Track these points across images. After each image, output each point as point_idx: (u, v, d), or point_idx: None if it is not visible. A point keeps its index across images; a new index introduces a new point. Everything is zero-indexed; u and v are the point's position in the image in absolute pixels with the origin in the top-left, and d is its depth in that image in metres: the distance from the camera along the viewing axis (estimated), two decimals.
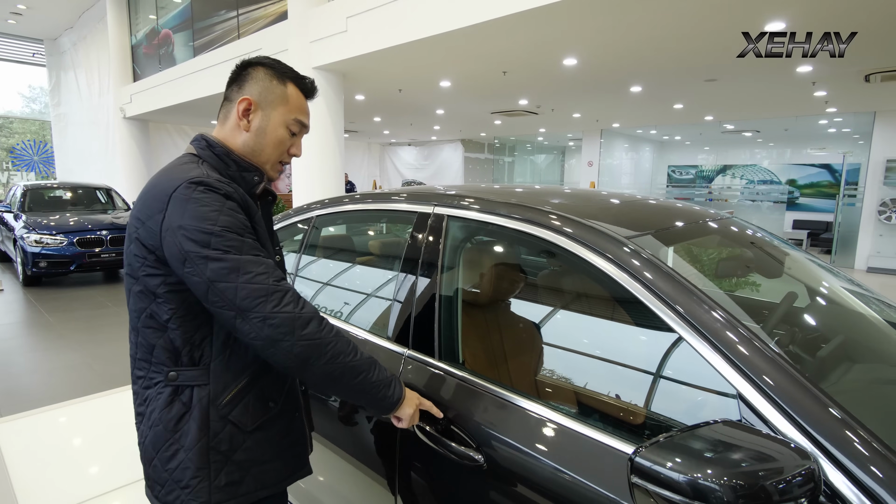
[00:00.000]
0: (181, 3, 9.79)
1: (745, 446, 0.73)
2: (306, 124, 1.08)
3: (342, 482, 1.53)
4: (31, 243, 6.42)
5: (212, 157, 1.01)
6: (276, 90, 1.03)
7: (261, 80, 1.04)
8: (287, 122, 1.04)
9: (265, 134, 1.03)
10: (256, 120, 1.03)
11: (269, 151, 1.04)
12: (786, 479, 0.69)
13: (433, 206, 1.48)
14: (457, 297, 1.39)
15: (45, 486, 2.39)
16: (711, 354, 0.89)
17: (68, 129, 15.14)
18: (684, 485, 0.68)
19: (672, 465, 0.70)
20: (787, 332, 1.40)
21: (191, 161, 0.99)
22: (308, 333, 0.88)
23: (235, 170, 1.02)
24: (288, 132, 1.05)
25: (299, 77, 1.08)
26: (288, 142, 1.06)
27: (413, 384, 1.28)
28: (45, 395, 3.43)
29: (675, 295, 0.97)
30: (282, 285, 0.90)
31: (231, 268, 0.86)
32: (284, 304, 0.88)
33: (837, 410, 0.79)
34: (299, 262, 1.97)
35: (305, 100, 1.08)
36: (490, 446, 1.08)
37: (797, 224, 12.76)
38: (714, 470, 0.69)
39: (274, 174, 1.08)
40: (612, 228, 1.18)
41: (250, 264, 0.88)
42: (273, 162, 1.06)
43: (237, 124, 1.04)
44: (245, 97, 1.02)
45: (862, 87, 6.91)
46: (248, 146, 1.04)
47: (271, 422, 1.04)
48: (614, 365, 1.38)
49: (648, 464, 0.71)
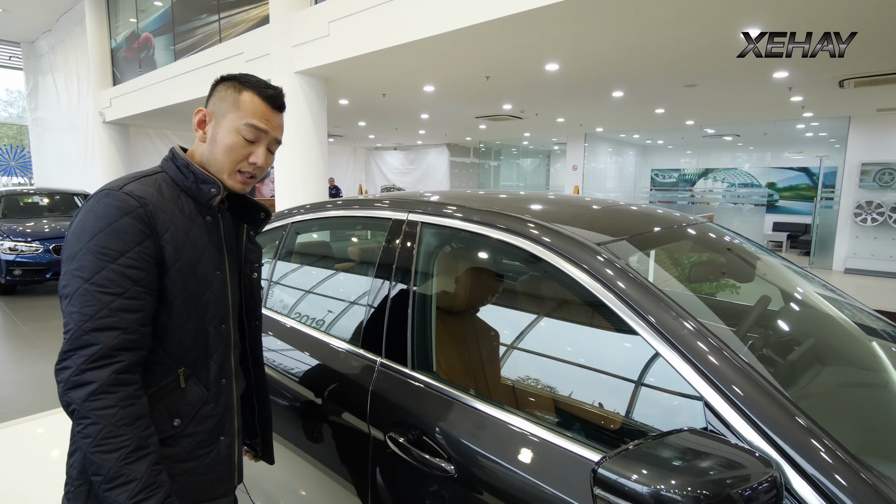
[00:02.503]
0: (162, 7, 9.66)
1: (708, 455, 0.72)
2: (263, 129, 1.02)
3: (313, 493, 1.50)
4: (6, 251, 6.26)
5: (173, 168, 1.02)
6: (229, 98, 1.01)
7: (220, 91, 1.03)
8: (237, 127, 1.00)
9: (216, 142, 1.01)
10: (210, 129, 1.02)
11: (220, 159, 1.01)
12: (750, 486, 0.69)
13: (407, 213, 1.47)
14: (430, 305, 1.38)
15: (19, 497, 2.32)
16: (678, 361, 0.89)
17: (46, 133, 14.84)
18: (647, 497, 0.68)
19: (636, 476, 0.69)
20: (759, 336, 1.41)
21: (149, 172, 1.00)
22: (72, 396, 0.84)
23: (193, 181, 1.00)
24: (240, 138, 1.01)
25: (261, 86, 1.03)
26: (242, 149, 1.01)
27: (385, 393, 1.26)
28: (20, 406, 3.33)
29: (642, 302, 0.97)
30: (88, 337, 0.84)
31: (70, 293, 0.86)
32: (74, 354, 0.84)
33: (802, 418, 0.79)
34: (274, 268, 1.94)
35: (267, 107, 1.03)
36: (461, 456, 1.07)
37: (777, 226, 12.99)
38: (677, 481, 0.68)
39: (233, 184, 1.03)
40: (584, 234, 1.17)
41: (85, 297, 0.85)
42: (229, 171, 1.02)
43: (197, 137, 1.04)
44: (200, 109, 1.03)
45: (836, 93, 7.06)
46: (205, 156, 1.03)
47: (173, 440, 0.97)
48: (585, 372, 1.38)
49: (612, 475, 0.70)
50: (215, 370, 1.03)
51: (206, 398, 1.01)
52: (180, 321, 0.97)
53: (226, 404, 1.06)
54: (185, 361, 0.98)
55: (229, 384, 1.07)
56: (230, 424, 1.07)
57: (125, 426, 0.85)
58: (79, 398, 0.83)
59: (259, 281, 1.23)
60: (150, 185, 0.96)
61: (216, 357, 1.03)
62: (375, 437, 1.24)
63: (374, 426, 1.25)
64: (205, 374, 1.02)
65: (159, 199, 0.95)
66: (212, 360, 1.03)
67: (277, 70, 6.25)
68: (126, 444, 0.84)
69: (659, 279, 1.27)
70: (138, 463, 0.85)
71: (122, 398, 0.85)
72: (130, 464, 0.84)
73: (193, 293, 0.98)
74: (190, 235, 0.98)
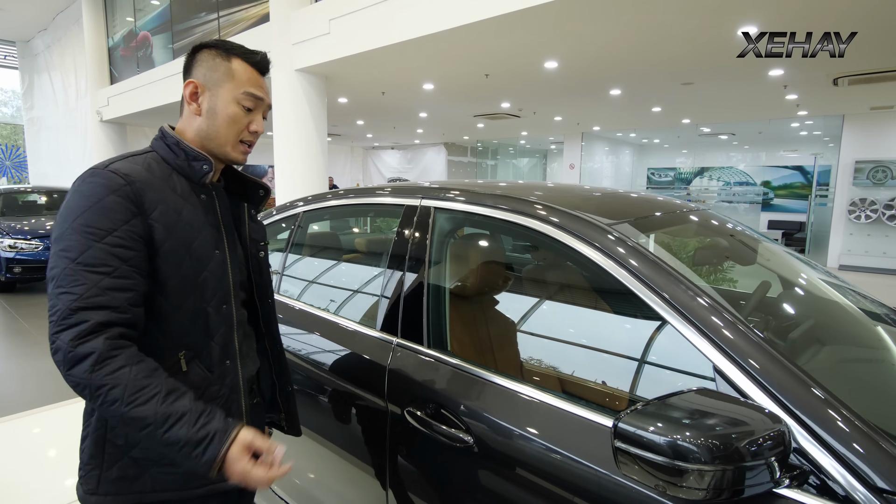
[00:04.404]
0: (160, 5, 9.66)
1: (719, 412, 0.77)
2: (260, 97, 1.01)
3: (331, 473, 1.54)
4: (6, 248, 6.25)
5: (163, 147, 1.00)
6: (220, 67, 0.99)
7: (205, 60, 1.00)
8: (237, 97, 0.99)
9: (216, 114, 0.99)
10: (206, 102, 0.99)
11: (224, 132, 0.99)
12: (757, 440, 0.73)
13: (420, 199, 1.51)
14: (445, 287, 1.42)
15: (20, 490, 2.35)
16: (689, 332, 0.93)
17: (42, 132, 14.78)
18: (665, 446, 0.72)
19: (653, 428, 0.74)
20: (760, 318, 1.46)
21: (138, 152, 0.99)
22: (75, 373, 0.80)
23: (184, 159, 0.99)
24: (241, 108, 0.99)
25: (247, 52, 1.02)
26: (243, 118, 1.00)
27: (403, 370, 1.31)
28: (22, 401, 3.35)
29: (656, 279, 1.01)
30: (77, 316, 0.81)
31: (57, 274, 0.83)
32: (63, 332, 0.80)
33: (808, 380, 0.84)
34: (286, 259, 1.98)
35: (258, 74, 1.02)
36: (479, 427, 1.11)
37: (772, 224, 13.10)
38: (692, 432, 0.73)
39: (236, 155, 1.02)
40: (592, 216, 1.22)
41: (73, 276, 0.82)
42: (232, 142, 1.01)
43: (189, 111, 1.01)
44: (190, 80, 1.00)
45: (830, 91, 7.15)
46: (203, 131, 1.00)
47: None
48: (600, 349, 1.43)
49: (631, 428, 0.75)
50: (218, 352, 1.00)
51: (210, 380, 0.98)
52: (177, 302, 0.94)
53: (231, 385, 1.02)
54: (185, 344, 0.96)
55: (234, 365, 1.04)
56: (237, 406, 1.04)
57: (146, 378, 0.82)
58: (83, 372, 0.80)
59: (267, 259, 1.20)
60: (138, 163, 0.94)
61: (218, 338, 1.00)
62: (393, 412, 1.28)
63: (392, 402, 1.29)
64: (207, 356, 0.99)
65: (148, 177, 0.93)
66: (213, 342, 1.00)
67: (277, 68, 6.28)
68: (158, 391, 0.82)
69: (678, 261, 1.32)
70: (180, 401, 0.84)
71: (127, 357, 0.83)
72: (172, 403, 0.83)
73: (189, 273, 0.95)
74: (183, 214, 0.95)
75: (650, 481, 0.74)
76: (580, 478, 0.95)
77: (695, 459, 0.71)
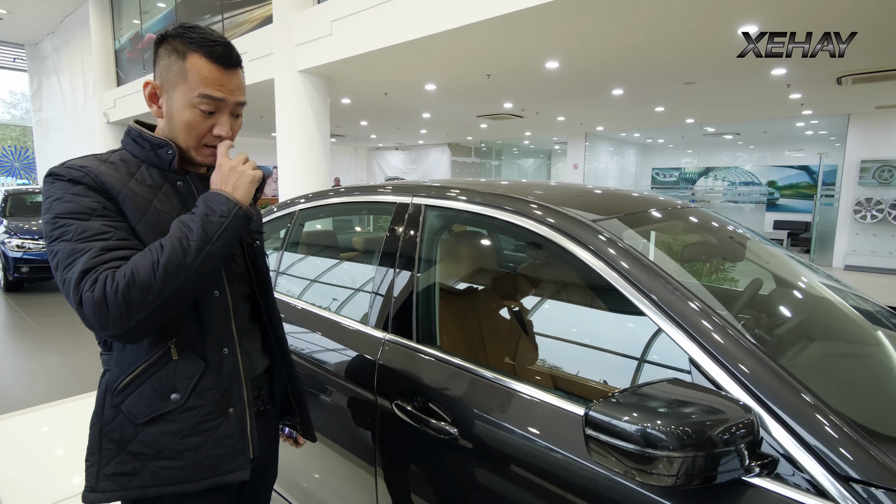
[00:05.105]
0: (165, 8, 9.76)
1: (689, 401, 0.79)
2: (220, 97, 0.93)
3: (322, 465, 1.57)
4: (13, 248, 6.34)
5: (129, 142, 0.99)
6: (174, 67, 0.92)
7: (163, 57, 0.94)
8: (191, 101, 0.92)
9: (173, 119, 0.95)
10: (164, 104, 0.95)
11: (182, 138, 0.95)
12: (726, 428, 0.75)
13: (412, 197, 1.53)
14: (434, 282, 1.45)
15: (28, 483, 2.40)
16: (666, 324, 0.95)
17: (50, 134, 14.94)
18: (635, 434, 0.74)
19: (625, 417, 0.76)
20: (752, 315, 1.48)
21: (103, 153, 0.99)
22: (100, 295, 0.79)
23: (150, 149, 0.96)
24: (198, 113, 0.93)
25: (208, 44, 0.91)
26: (201, 123, 0.94)
27: (392, 364, 1.33)
28: (29, 397, 3.41)
29: (637, 274, 1.03)
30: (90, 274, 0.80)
31: (56, 263, 0.84)
32: (68, 271, 0.81)
33: (780, 372, 0.86)
34: (282, 256, 2.01)
35: (219, 70, 0.92)
36: (463, 418, 1.13)
37: (777, 224, 13.03)
38: (663, 420, 0.74)
39: (201, 159, 0.98)
40: (579, 213, 1.24)
41: (68, 252, 0.83)
42: (195, 147, 0.97)
43: (153, 112, 0.98)
44: (147, 81, 0.95)
45: (834, 90, 7.12)
46: (165, 133, 0.97)
47: (173, 416, 0.92)
48: (577, 337, 1.44)
49: (602, 417, 0.77)
50: (213, 339, 0.96)
51: (204, 369, 0.95)
52: None
53: (230, 375, 0.98)
54: (173, 332, 0.93)
55: (232, 354, 0.99)
56: (239, 395, 0.99)
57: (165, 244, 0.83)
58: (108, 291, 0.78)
59: (263, 248, 1.16)
60: (95, 159, 0.94)
61: (212, 326, 0.97)
62: (383, 406, 1.31)
63: (381, 396, 1.32)
64: (200, 344, 0.95)
65: (104, 168, 0.91)
66: (206, 330, 0.96)
67: (280, 69, 6.33)
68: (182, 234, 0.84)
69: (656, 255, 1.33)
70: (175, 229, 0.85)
71: (139, 254, 0.83)
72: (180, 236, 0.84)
73: None
74: (155, 202, 0.93)
75: (619, 468, 0.76)
76: (560, 467, 0.97)
77: (662, 447, 0.73)
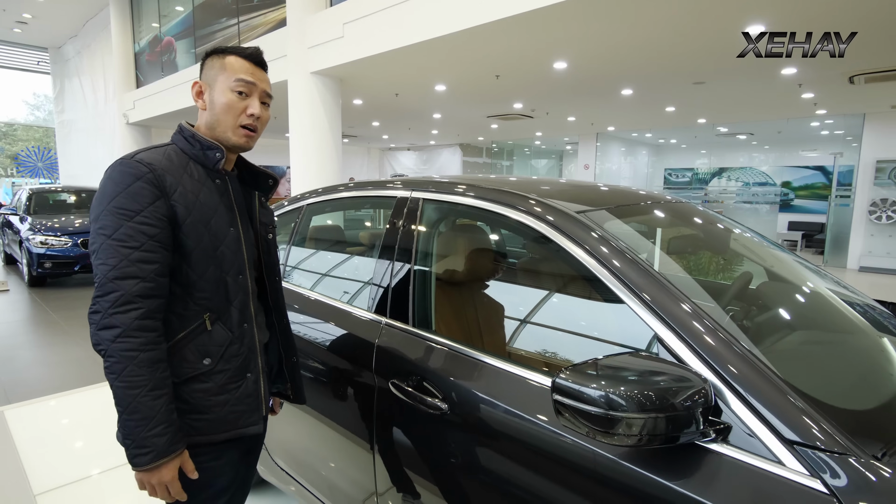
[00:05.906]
0: (183, 12, 10.01)
1: (651, 371, 0.86)
2: (252, 81, 1.14)
3: (322, 441, 1.67)
4: (37, 244, 6.58)
5: (181, 139, 1.15)
6: (216, 65, 1.15)
7: (207, 64, 1.17)
8: (230, 85, 1.13)
9: (215, 105, 1.14)
10: (208, 97, 1.15)
11: (222, 118, 1.14)
12: (684, 396, 0.82)
13: (410, 191, 1.63)
14: (430, 271, 1.54)
15: (51, 464, 2.54)
16: (636, 304, 1.03)
17: (72, 135, 15.37)
18: (598, 399, 0.82)
19: (592, 384, 0.84)
20: (741, 307, 1.54)
21: (159, 145, 1.14)
22: (102, 335, 0.98)
23: (199, 149, 1.14)
24: (235, 94, 1.13)
25: (241, 49, 1.17)
26: (239, 104, 1.14)
27: (389, 346, 1.42)
28: (52, 384, 3.58)
29: (617, 264, 1.11)
30: (112, 285, 0.98)
31: (96, 248, 1.01)
32: (102, 299, 0.98)
33: (738, 347, 0.93)
34: (290, 248, 2.12)
35: (250, 64, 1.16)
36: (453, 395, 1.22)
37: (792, 225, 12.89)
38: (624, 386, 0.82)
39: (237, 139, 1.15)
40: (566, 204, 1.32)
41: (108, 251, 0.99)
42: (233, 127, 1.14)
43: (199, 108, 1.17)
44: (195, 82, 1.17)
45: (848, 89, 7.06)
46: (208, 122, 1.15)
47: (206, 377, 1.11)
48: (557, 320, 1.52)
49: (568, 383, 0.85)
50: (237, 315, 1.15)
51: (231, 339, 1.14)
52: (200, 271, 1.09)
53: (249, 345, 1.18)
54: (209, 307, 1.11)
55: (251, 328, 1.19)
56: (255, 363, 1.20)
57: (145, 367, 0.99)
58: (107, 339, 0.97)
59: (275, 241, 1.34)
60: (159, 154, 1.09)
61: (236, 303, 1.16)
62: (380, 385, 1.40)
63: (378, 375, 1.41)
64: (228, 318, 1.14)
65: (167, 165, 1.07)
66: (233, 306, 1.15)
67: (294, 70, 6.48)
68: (145, 384, 0.99)
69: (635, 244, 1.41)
70: (156, 401, 1.00)
71: (143, 343, 0.99)
72: (149, 401, 0.99)
73: (208, 246, 1.10)
74: (200, 196, 1.10)
75: (582, 430, 0.84)
76: (537, 437, 1.05)
77: (624, 411, 0.80)
